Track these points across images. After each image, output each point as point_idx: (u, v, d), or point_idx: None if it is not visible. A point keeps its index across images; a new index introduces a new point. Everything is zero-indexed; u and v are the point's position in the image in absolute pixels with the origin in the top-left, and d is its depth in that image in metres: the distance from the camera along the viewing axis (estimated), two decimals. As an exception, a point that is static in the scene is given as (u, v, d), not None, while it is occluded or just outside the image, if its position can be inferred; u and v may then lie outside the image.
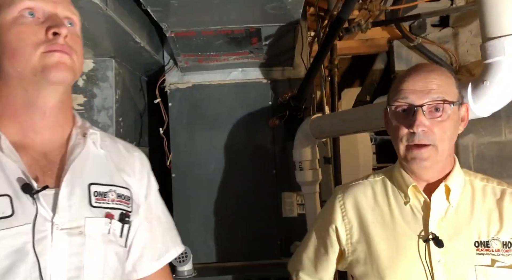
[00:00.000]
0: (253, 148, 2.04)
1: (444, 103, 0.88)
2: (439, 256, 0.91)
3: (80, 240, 0.76)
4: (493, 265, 0.89)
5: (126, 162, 0.92)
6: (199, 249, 1.95)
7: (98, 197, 0.82)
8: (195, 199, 2.02)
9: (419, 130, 0.88)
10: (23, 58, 0.74)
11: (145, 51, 1.81)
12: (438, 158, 0.91)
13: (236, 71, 2.06)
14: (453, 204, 0.94)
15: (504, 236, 0.90)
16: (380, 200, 1.01)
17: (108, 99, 1.83)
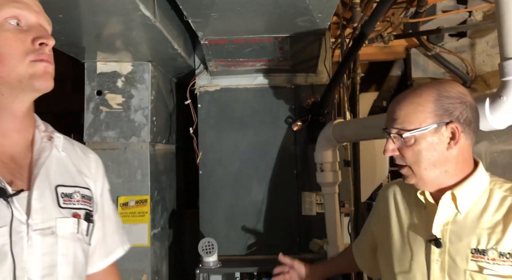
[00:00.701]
0: (276, 149, 2.15)
1: (401, 132, 0.97)
2: (437, 256, 0.99)
3: (52, 240, 0.80)
4: (481, 271, 0.93)
5: (83, 164, 0.96)
6: (223, 242, 2.06)
7: (65, 198, 0.86)
8: (220, 195, 2.15)
9: (388, 154, 1.01)
10: (11, 64, 0.77)
11: (180, 56, 1.94)
12: (419, 177, 0.99)
13: (262, 76, 2.17)
14: (461, 211, 0.99)
15: (503, 247, 0.93)
16: (407, 197, 1.12)
17: (144, 100, 1.97)
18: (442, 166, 0.99)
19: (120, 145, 1.96)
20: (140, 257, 1.93)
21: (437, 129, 0.97)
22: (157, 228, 2.07)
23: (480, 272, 0.93)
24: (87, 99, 1.96)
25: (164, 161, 2.24)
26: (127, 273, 1.92)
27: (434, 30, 2.07)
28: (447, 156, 0.98)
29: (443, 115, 0.97)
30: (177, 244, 2.38)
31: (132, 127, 1.96)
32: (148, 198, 1.96)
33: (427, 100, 0.98)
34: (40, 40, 0.80)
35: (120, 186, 1.95)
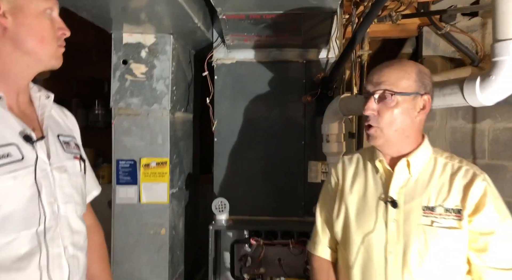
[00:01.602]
0: (286, 120, 2.30)
1: (385, 92, 1.09)
2: (394, 215, 1.13)
3: (66, 176, 1.05)
4: (431, 224, 1.09)
5: (66, 119, 1.18)
6: (234, 204, 2.24)
7: (65, 145, 1.09)
8: (233, 160, 2.32)
9: (368, 112, 1.12)
10: (48, 45, 0.99)
11: (199, 30, 2.07)
12: (386, 138, 1.12)
13: (276, 51, 2.29)
14: (413, 175, 1.15)
15: (448, 204, 1.10)
16: (361, 168, 1.26)
17: (165, 70, 2.12)
18: (407, 131, 1.14)
19: (143, 111, 2.13)
20: (160, 213, 2.15)
21: (415, 97, 1.12)
22: (175, 188, 2.27)
23: (430, 225, 1.09)
24: (114, 68, 2.12)
25: (182, 128, 2.42)
26: (148, 226, 2.15)
27: (442, 10, 2.14)
28: (413, 123, 1.14)
29: (421, 87, 1.13)
30: (192, 203, 2.59)
31: (154, 95, 2.12)
32: (167, 160, 2.15)
33: (412, 71, 1.13)
34: (63, 31, 1.03)
35: (142, 148, 2.14)
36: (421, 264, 1.10)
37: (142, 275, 2.12)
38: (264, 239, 2.10)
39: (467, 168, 1.14)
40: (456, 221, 1.09)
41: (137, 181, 2.14)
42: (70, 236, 1.04)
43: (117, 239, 2.14)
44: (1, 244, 0.89)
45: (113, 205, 2.15)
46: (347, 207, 1.23)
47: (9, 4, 0.94)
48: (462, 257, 1.11)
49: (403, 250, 1.11)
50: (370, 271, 1.16)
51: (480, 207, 1.09)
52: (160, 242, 2.15)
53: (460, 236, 1.09)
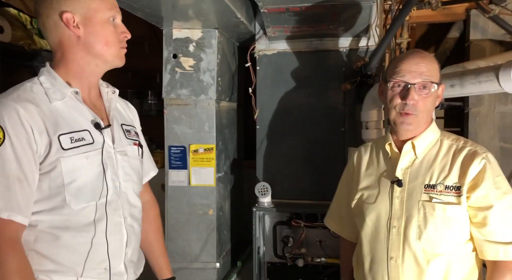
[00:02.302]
0: (327, 107, 2.37)
1: (431, 84, 1.20)
2: (398, 193, 1.25)
3: (126, 158, 1.24)
4: (430, 200, 1.19)
5: (129, 111, 1.38)
6: (276, 187, 2.37)
7: (127, 133, 1.28)
8: (274, 147, 2.44)
9: (410, 103, 1.20)
10: (112, 47, 1.16)
11: (242, 24, 2.19)
12: (418, 124, 1.24)
13: (316, 41, 2.35)
14: (419, 156, 1.26)
15: (448, 181, 1.19)
16: (374, 154, 1.40)
17: (211, 62, 2.27)
18: (429, 116, 1.27)
19: (191, 101, 2.31)
20: (208, 195, 2.33)
21: (439, 86, 1.25)
22: (221, 172, 2.44)
23: (429, 201, 1.19)
24: (165, 61, 2.31)
25: (227, 116, 2.57)
26: (197, 207, 2.34)
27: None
28: (433, 108, 1.28)
29: (439, 76, 1.26)
30: (236, 187, 2.76)
31: (202, 87, 2.29)
32: (214, 146, 2.32)
33: (436, 62, 1.26)
34: (125, 34, 1.21)
35: (191, 135, 2.32)
36: (420, 237, 1.19)
37: (193, 251, 2.33)
38: (305, 221, 2.21)
39: (470, 148, 1.22)
40: (455, 197, 1.17)
41: (187, 165, 2.33)
42: (129, 208, 1.23)
43: (170, 218, 2.36)
44: (76, 210, 1.10)
45: (166, 187, 2.37)
46: (361, 189, 1.37)
47: (80, 16, 1.13)
48: (464, 233, 1.19)
49: (404, 224, 1.22)
50: (376, 243, 1.28)
51: (478, 183, 1.16)
52: (208, 221, 2.34)
53: (459, 212, 1.17)
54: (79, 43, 1.14)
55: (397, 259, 1.22)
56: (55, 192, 1.07)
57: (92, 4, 1.14)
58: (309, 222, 2.22)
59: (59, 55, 1.16)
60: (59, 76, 1.14)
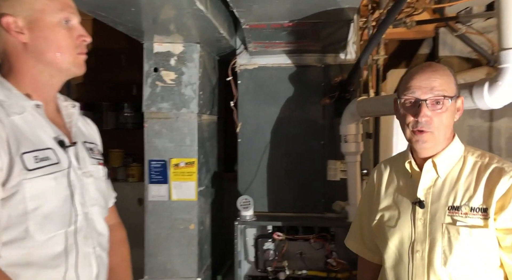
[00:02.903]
0: (306, 121, 2.42)
1: (444, 99, 1.10)
2: (421, 215, 1.16)
3: (92, 180, 1.10)
4: (454, 223, 1.10)
5: (88, 126, 1.23)
6: (258, 201, 2.39)
7: (90, 151, 1.14)
8: (256, 160, 2.46)
9: (422, 120, 1.11)
10: (67, 54, 1.01)
11: (224, 39, 2.21)
12: (435, 142, 1.14)
13: (296, 56, 2.41)
14: (441, 175, 1.16)
15: (473, 203, 1.09)
16: (394, 172, 1.29)
17: (193, 76, 2.28)
18: (449, 133, 1.17)
19: (172, 115, 2.29)
20: (189, 209, 2.31)
21: (456, 99, 1.15)
22: (202, 186, 2.43)
23: (453, 224, 1.10)
24: (146, 75, 2.29)
25: (208, 129, 2.57)
26: (178, 221, 2.31)
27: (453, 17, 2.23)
28: (452, 124, 1.17)
29: (457, 89, 1.17)
30: (217, 200, 2.75)
31: (183, 100, 2.28)
32: (195, 160, 2.31)
33: (451, 74, 1.16)
34: (82, 38, 1.06)
35: (172, 149, 2.30)
36: (445, 263, 1.10)
37: (174, 267, 2.30)
38: (287, 234, 2.23)
39: (497, 165, 1.12)
40: (482, 220, 1.08)
41: (167, 179, 2.31)
42: (97, 237, 1.09)
43: (150, 233, 2.32)
44: (40, 242, 0.93)
45: (146, 202, 2.33)
46: (381, 210, 1.27)
47: (25, 20, 0.98)
48: (493, 257, 1.09)
49: (428, 249, 1.13)
50: (400, 269, 1.19)
51: (505, 204, 1.06)
52: (190, 236, 2.31)
53: (486, 235, 1.07)
54: (27, 51, 0.99)
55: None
56: (15, 222, 0.90)
57: (37, 5, 0.98)
58: (291, 235, 2.23)
59: (7, 65, 1.01)
60: (14, 88, 0.99)
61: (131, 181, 3.55)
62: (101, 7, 1.64)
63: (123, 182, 3.58)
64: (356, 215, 1.49)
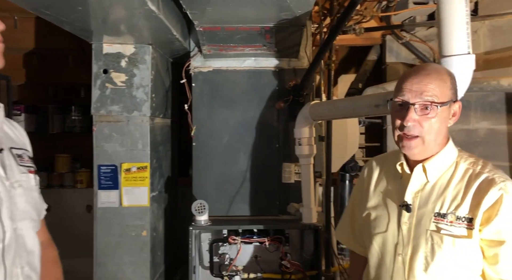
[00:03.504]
0: (261, 125, 2.44)
1: (432, 104, 1.05)
2: (406, 219, 1.13)
3: (21, 191, 0.99)
4: (439, 231, 1.07)
5: (17, 131, 1.10)
6: (213, 205, 2.35)
7: (19, 158, 1.02)
8: (211, 164, 2.44)
9: (408, 124, 1.06)
10: None
11: (177, 40, 2.17)
12: (425, 147, 1.09)
13: (250, 60, 2.42)
14: (430, 180, 1.12)
15: (460, 212, 1.06)
16: (385, 172, 1.26)
17: (145, 78, 2.22)
18: (440, 139, 1.11)
19: (123, 118, 2.22)
20: (141, 215, 2.24)
21: (450, 105, 1.09)
22: (155, 191, 2.37)
23: (438, 232, 1.07)
24: (94, 76, 2.20)
25: (161, 133, 2.51)
26: (130, 228, 2.23)
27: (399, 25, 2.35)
28: (445, 129, 1.12)
29: (454, 94, 1.11)
30: (171, 205, 2.69)
31: (134, 103, 2.21)
32: (148, 165, 2.24)
33: (447, 79, 1.10)
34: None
35: (123, 154, 2.22)
36: (426, 270, 1.08)
37: (125, 275, 2.21)
38: (242, 237, 2.22)
39: (488, 175, 1.07)
40: (467, 230, 1.05)
41: (118, 185, 2.22)
42: (26, 256, 0.99)
43: (100, 241, 2.22)
44: None
45: (95, 209, 2.23)
46: (369, 208, 1.25)
47: None
48: (475, 267, 1.07)
49: (410, 254, 1.11)
50: (382, 269, 1.18)
51: (492, 216, 1.03)
52: (142, 243, 2.24)
53: (469, 245, 1.05)
54: None
55: None
56: None
57: None
58: (246, 238, 2.23)
59: None
60: None
61: (79, 187, 3.40)
62: (45, 5, 1.56)
63: (71, 188, 3.42)
64: (347, 207, 1.45)
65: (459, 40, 1.30)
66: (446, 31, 1.33)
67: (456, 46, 1.29)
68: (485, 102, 2.70)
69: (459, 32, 1.29)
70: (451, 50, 1.29)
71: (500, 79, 2.34)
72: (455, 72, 1.27)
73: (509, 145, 2.60)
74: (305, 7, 1.74)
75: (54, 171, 3.46)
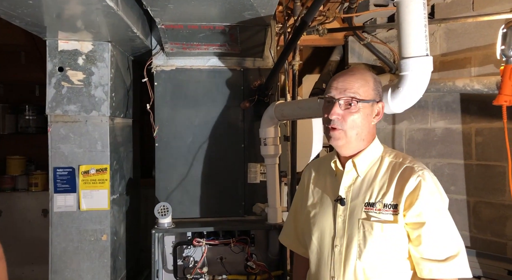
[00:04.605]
0: (226, 125, 2.40)
1: (352, 100, 1.19)
2: (341, 212, 1.23)
3: None
4: (369, 219, 1.18)
5: None
6: (176, 207, 2.31)
7: None
8: (175, 165, 2.38)
9: (333, 117, 1.19)
10: None
11: (138, 38, 2.10)
12: (348, 140, 1.21)
13: (214, 59, 2.39)
14: (360, 174, 1.24)
15: (387, 200, 1.17)
16: (322, 171, 1.37)
17: (104, 77, 2.13)
18: (364, 135, 1.24)
19: (81, 118, 2.12)
20: (101, 219, 2.15)
21: (373, 104, 1.23)
22: (115, 194, 2.28)
23: (368, 220, 1.18)
24: (49, 74, 2.08)
25: (122, 134, 2.43)
26: (88, 233, 2.14)
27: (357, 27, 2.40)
28: (369, 127, 1.24)
29: (377, 95, 1.25)
30: (133, 208, 2.61)
31: (93, 102, 2.12)
32: (108, 166, 2.16)
33: (370, 80, 1.24)
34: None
35: (81, 155, 2.13)
36: (360, 257, 1.17)
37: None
38: (207, 239, 2.19)
39: (408, 165, 1.20)
40: (393, 215, 1.16)
41: (76, 188, 2.12)
42: None
43: (56, 248, 2.11)
44: None
45: (51, 214, 2.11)
46: (308, 206, 1.34)
47: None
48: (402, 250, 1.17)
49: (346, 244, 1.20)
50: (321, 263, 1.25)
51: (413, 201, 1.14)
52: (101, 248, 2.15)
53: (396, 230, 1.15)
54: None
55: (338, 279, 1.20)
56: None
57: None
58: (211, 240, 2.20)
59: None
60: None
61: (34, 191, 3.22)
62: (-9, -3, 1.45)
63: (25, 191, 3.25)
64: (290, 212, 1.53)
65: (418, 42, 1.34)
66: (405, 33, 1.37)
67: (415, 49, 1.33)
68: (441, 102, 2.80)
69: (417, 35, 1.34)
70: (410, 52, 1.33)
71: (456, 80, 2.43)
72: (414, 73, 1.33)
73: (463, 144, 2.72)
74: (268, 6, 1.73)
75: (6, 174, 3.27)
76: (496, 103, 1.96)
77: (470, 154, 2.70)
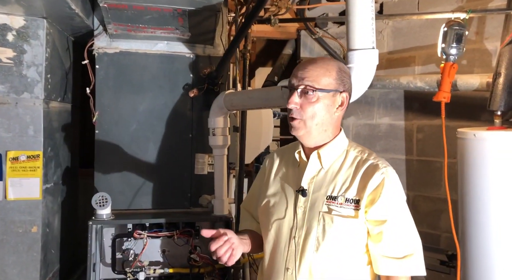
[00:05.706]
0: (174, 113, 2.31)
1: (308, 88, 1.14)
2: (302, 203, 1.19)
3: None
4: (330, 212, 1.15)
5: None
6: (117, 198, 2.20)
7: None
8: (116, 153, 2.25)
9: (291, 106, 1.15)
10: None
11: (77, 16, 1.95)
12: (308, 130, 1.17)
13: (162, 44, 2.28)
14: (324, 167, 1.21)
15: (349, 194, 1.15)
16: (285, 161, 1.33)
17: (38, 56, 1.96)
18: (326, 125, 1.19)
19: (10, 100, 1.94)
20: (31, 210, 1.99)
21: (334, 94, 1.17)
22: (49, 183, 2.12)
23: (329, 213, 1.15)
24: (-27, 50, 1.88)
25: (59, 119, 2.25)
26: (16, 224, 1.97)
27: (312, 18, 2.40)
28: (332, 118, 1.19)
29: (340, 85, 1.18)
30: (70, 199, 2.45)
31: (25, 83, 1.94)
32: (40, 153, 1.99)
33: (333, 70, 1.18)
34: None
35: (9, 140, 1.95)
36: (317, 249, 1.15)
37: (8, 277, 1.95)
38: (149, 231, 2.10)
39: (372, 161, 1.18)
40: (354, 211, 1.14)
41: (2, 176, 1.94)
42: None
43: (-22, 242, 1.92)
44: None
45: (-27, 204, 1.92)
46: (268, 196, 1.30)
47: None
48: (360, 245, 1.17)
49: (304, 235, 1.17)
50: (276, 254, 1.23)
51: (375, 198, 1.13)
52: (31, 240, 1.99)
53: (356, 225, 1.14)
54: None
55: (293, 271, 1.18)
56: None
57: None
58: (154, 232, 2.11)
59: None
60: None
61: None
62: None
63: None
64: (245, 200, 1.51)
65: (365, 35, 1.34)
66: (353, 25, 1.37)
67: (361, 41, 1.33)
68: (387, 99, 2.90)
69: (364, 28, 1.34)
70: (357, 44, 1.33)
71: (400, 78, 2.52)
72: (360, 65, 1.33)
73: (405, 140, 2.83)
74: (219, -10, 1.67)
75: None
76: (435, 99, 2.05)
77: (411, 150, 2.81)
